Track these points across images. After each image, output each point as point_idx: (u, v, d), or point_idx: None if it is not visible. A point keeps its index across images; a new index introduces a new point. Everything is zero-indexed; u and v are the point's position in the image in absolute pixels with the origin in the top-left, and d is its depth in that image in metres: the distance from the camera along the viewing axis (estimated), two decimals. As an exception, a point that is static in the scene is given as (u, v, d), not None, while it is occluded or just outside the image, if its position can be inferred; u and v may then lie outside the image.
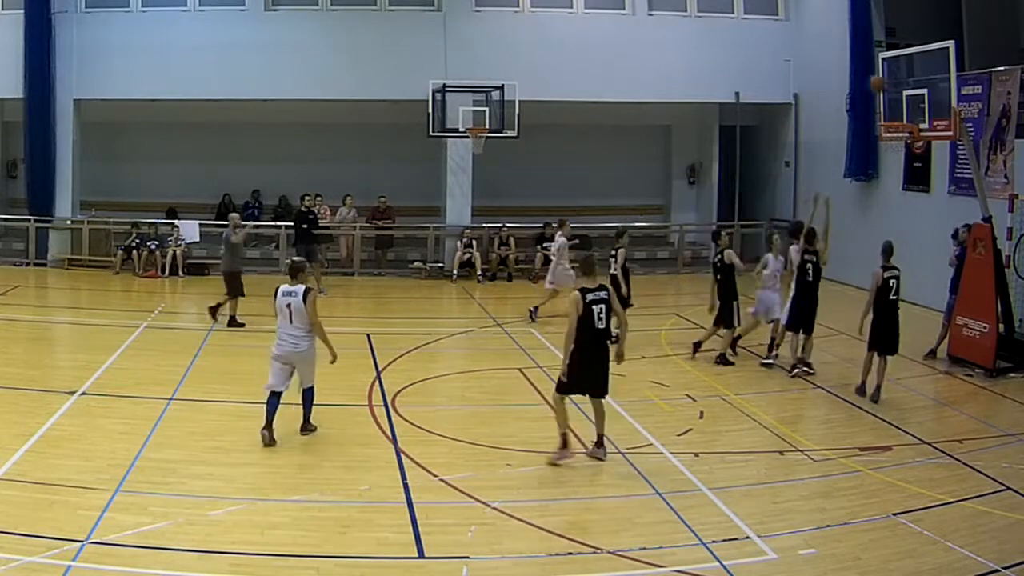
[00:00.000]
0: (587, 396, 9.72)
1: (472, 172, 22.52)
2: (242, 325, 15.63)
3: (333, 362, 10.00)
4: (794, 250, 13.51)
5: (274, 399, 9.87)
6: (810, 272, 13.23)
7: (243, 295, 15.88)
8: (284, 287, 9.93)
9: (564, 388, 9.60)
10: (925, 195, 18.62)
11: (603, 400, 9.71)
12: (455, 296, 20.67)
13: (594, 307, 9.41)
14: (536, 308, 16.89)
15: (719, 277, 13.98)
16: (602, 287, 9.58)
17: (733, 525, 8.11)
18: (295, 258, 10.57)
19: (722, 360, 13.84)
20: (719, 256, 14.12)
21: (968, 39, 18.01)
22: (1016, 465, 9.62)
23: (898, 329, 12.19)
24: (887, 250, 12.27)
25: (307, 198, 19.57)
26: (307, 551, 7.48)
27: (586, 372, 9.48)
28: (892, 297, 12.09)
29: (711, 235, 14.19)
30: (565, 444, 9.59)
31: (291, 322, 9.83)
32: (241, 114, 22.73)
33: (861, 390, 12.22)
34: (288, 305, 9.80)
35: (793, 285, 13.39)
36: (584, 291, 9.46)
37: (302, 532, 7.86)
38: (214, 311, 15.99)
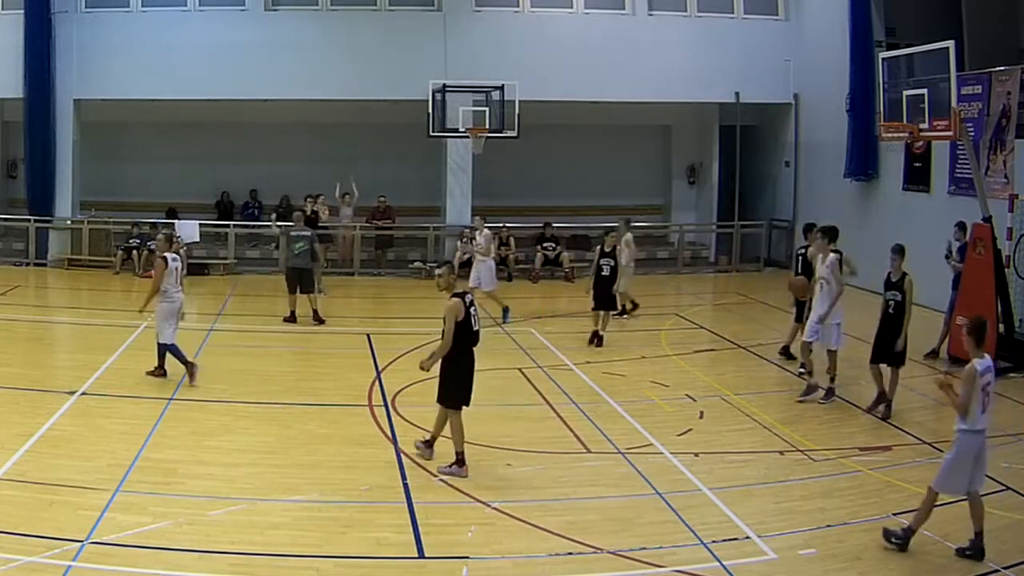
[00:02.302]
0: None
1: (472, 172, 22.50)
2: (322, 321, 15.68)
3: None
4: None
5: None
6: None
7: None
8: (170, 255, 12.07)
9: (460, 402, 9.30)
10: (925, 195, 18.60)
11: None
12: (455, 296, 20.60)
13: (471, 310, 9.32)
14: (506, 311, 16.55)
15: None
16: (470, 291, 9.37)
17: (733, 525, 8.11)
18: (164, 232, 12.95)
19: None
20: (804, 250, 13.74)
21: (968, 39, 17.99)
22: (1016, 465, 9.62)
23: None
24: (903, 252, 11.79)
25: (309, 200, 19.57)
26: (307, 551, 7.47)
27: (470, 380, 9.34)
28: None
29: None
30: (462, 463, 9.19)
31: (177, 282, 12.16)
32: (241, 114, 22.71)
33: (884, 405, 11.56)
34: (177, 268, 12.11)
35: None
36: (461, 295, 9.32)
37: (302, 532, 7.86)
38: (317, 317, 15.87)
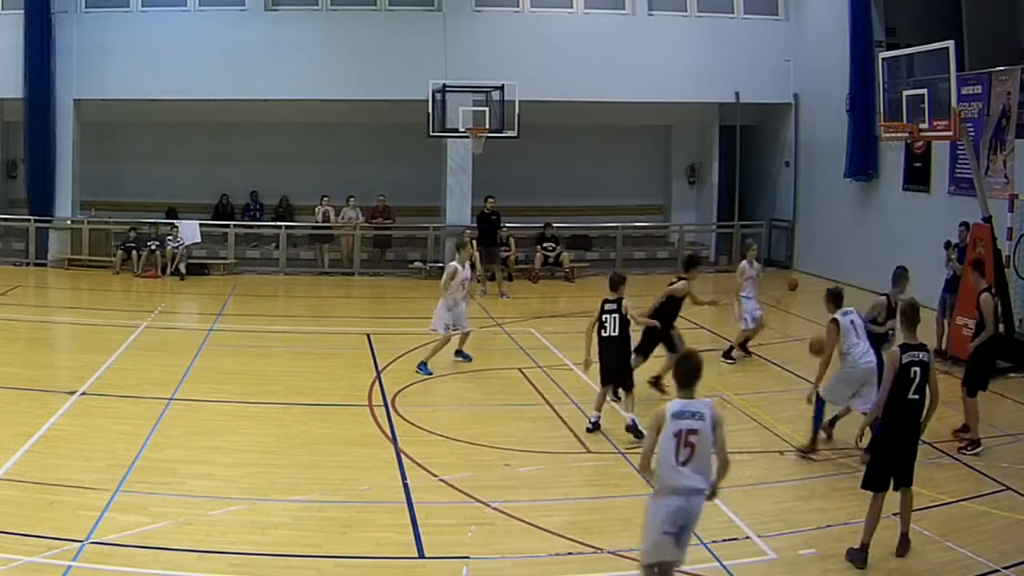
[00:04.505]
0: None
1: (472, 172, 22.50)
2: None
3: None
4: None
5: None
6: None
7: None
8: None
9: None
10: (925, 195, 18.60)
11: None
12: (455, 296, 20.59)
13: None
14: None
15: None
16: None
17: (733, 525, 8.10)
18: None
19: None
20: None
21: (968, 39, 17.97)
22: (1016, 465, 9.62)
23: None
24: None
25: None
26: (307, 551, 7.48)
27: None
28: None
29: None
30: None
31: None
32: (241, 114, 22.73)
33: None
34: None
35: None
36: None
37: (302, 532, 7.87)
38: None
